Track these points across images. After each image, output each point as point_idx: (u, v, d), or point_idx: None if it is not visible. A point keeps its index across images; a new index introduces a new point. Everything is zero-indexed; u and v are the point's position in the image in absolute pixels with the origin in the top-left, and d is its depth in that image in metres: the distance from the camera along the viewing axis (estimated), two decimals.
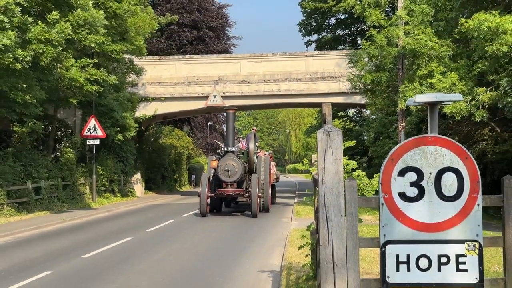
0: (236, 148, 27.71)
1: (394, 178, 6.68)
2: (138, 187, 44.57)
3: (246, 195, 26.98)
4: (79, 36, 26.03)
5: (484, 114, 22.34)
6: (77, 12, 25.64)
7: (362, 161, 32.70)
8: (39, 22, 24.30)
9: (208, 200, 26.48)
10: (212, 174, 27.38)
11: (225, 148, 27.34)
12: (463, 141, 26.37)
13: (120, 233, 20.40)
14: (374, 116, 37.28)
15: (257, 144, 30.67)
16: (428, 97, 7.48)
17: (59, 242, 18.49)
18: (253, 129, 32.63)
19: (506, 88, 20.95)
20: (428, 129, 7.43)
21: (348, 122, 53.62)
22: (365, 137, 41.50)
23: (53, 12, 24.63)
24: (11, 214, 25.75)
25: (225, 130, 39.18)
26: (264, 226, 22.28)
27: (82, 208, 30.79)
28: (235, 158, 26.58)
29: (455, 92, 22.44)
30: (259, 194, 26.62)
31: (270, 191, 29.32)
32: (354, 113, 54.51)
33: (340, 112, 54.51)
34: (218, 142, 41.06)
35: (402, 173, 6.68)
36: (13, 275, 12.98)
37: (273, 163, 33.45)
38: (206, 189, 25.88)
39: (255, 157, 28.72)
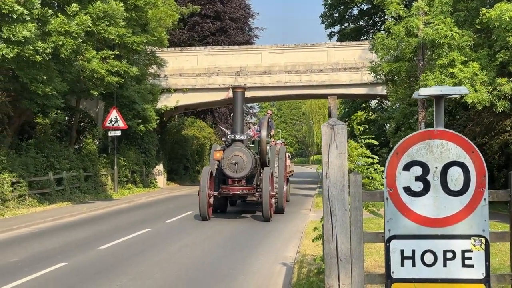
0: (245, 136, 22.65)
1: (399, 172, 6.57)
2: (160, 178, 44.65)
3: (257, 193, 22.03)
4: (98, 28, 26.08)
5: (506, 105, 22.07)
6: (96, 4, 25.68)
7: (382, 152, 32.42)
8: (59, 14, 24.38)
9: (211, 200, 22.01)
10: (216, 168, 22.99)
11: (232, 136, 22.27)
12: (485, 132, 26.14)
13: (138, 224, 20.48)
14: (396, 106, 36.93)
15: (272, 131, 26.48)
16: (433, 90, 7.35)
17: (78, 233, 18.57)
18: (267, 113, 27.87)
19: None
20: (434, 122, 7.31)
21: (371, 114, 53.34)
22: (387, 127, 41.21)
23: (72, 4, 24.70)
24: (33, 205, 25.94)
25: (249, 120, 35.98)
26: (281, 218, 22.11)
27: (103, 199, 30.92)
28: (244, 149, 21.75)
29: (476, 82, 22.24)
30: (273, 193, 21.97)
31: (286, 188, 25.17)
32: (376, 104, 54.19)
33: (363, 104, 54.22)
34: (223, 128, 33.01)
35: (407, 167, 6.56)
36: (29, 266, 13.08)
37: (287, 154, 28.69)
38: (208, 186, 20.89)
39: (268, 147, 23.74)
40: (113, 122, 32.66)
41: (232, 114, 22.27)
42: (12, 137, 28.98)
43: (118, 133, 33.48)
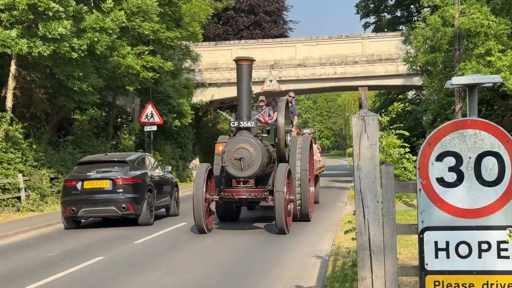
0: (253, 123, 16.61)
1: (431, 163, 6.47)
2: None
3: (270, 198, 16.29)
4: (133, 24, 26.34)
5: None
6: (130, 0, 25.89)
7: (419, 143, 32.10)
8: (93, 10, 24.61)
9: (213, 206, 16.98)
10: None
11: (236, 123, 16.68)
12: None
13: (174, 218, 20.57)
14: (433, 97, 36.56)
15: (295, 119, 21.40)
16: (466, 79, 7.23)
17: (115, 228, 18.67)
18: (289, 95, 21.32)
19: None
20: (467, 111, 7.19)
21: (407, 105, 52.87)
22: (424, 119, 40.84)
23: (107, 0, 24.90)
24: None
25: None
26: (317, 211, 21.85)
27: None
28: (252, 139, 16.16)
29: None
30: (291, 197, 16.96)
31: (312, 188, 20.14)
32: (413, 95, 53.68)
33: (399, 95, 53.74)
34: (224, 114, 26.05)
35: (440, 158, 6.45)
36: (66, 260, 13.24)
37: (315, 146, 23.62)
38: (204, 189, 15.91)
39: (288, 137, 18.54)
40: (148, 117, 32.87)
41: (237, 96, 17.11)
42: (50, 134, 29.32)
43: (154, 128, 33.66)
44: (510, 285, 6.36)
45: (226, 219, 19.10)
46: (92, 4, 25.24)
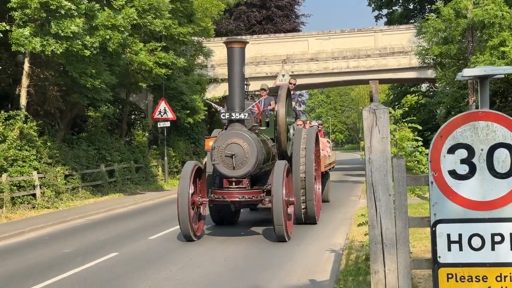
0: (246, 114, 14.34)
1: (443, 155, 6.45)
2: None
3: (267, 199, 14.20)
4: (144, 21, 26.36)
5: None
6: None
7: (432, 136, 32.09)
8: (105, 8, 24.65)
9: (204, 210, 15.42)
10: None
11: (227, 115, 14.49)
12: None
13: None
14: (447, 89, 36.38)
15: (296, 108, 18.80)
16: (477, 70, 7.21)
17: (129, 224, 18.83)
18: (290, 82, 18.79)
19: None
20: (479, 103, 7.17)
21: (421, 97, 52.64)
22: (437, 112, 40.67)
23: None
24: (86, 197, 26.37)
25: (297, 108, 27.66)
26: (330, 205, 21.73)
27: (154, 190, 31.20)
28: (246, 133, 14.00)
29: None
30: (290, 198, 14.56)
31: (318, 186, 17.95)
32: (427, 88, 53.42)
33: (413, 88, 53.49)
34: (213, 104, 20.70)
35: (452, 150, 6.43)
36: (81, 256, 13.35)
37: (325, 140, 21.77)
38: (189, 190, 14.00)
39: (291, 130, 16.66)
40: (162, 114, 32.91)
41: (228, 84, 14.89)
42: (64, 131, 29.44)
43: (167, 124, 33.69)
44: None
45: (222, 223, 17.14)
46: (104, 2, 25.21)
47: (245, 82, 15.86)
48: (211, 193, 14.68)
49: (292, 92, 17.81)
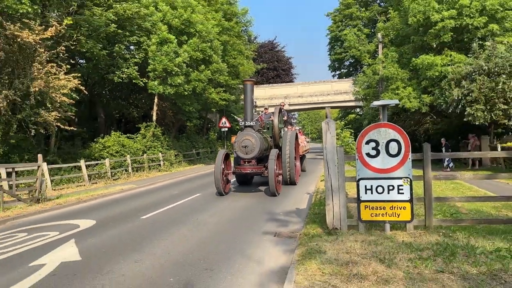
0: (254, 122, 13.83)
1: (363, 145, 6.42)
2: None
3: (266, 172, 13.60)
4: (215, 77, 26.41)
5: (427, 109, 21.21)
6: (212, 65, 25.99)
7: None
8: (194, 70, 24.81)
9: (227, 177, 13.71)
10: None
11: (244, 123, 13.88)
12: (415, 124, 25.06)
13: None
14: (369, 112, 35.82)
15: (284, 118, 17.36)
16: (379, 102, 7.15)
17: (204, 180, 18.31)
18: (280, 104, 17.93)
19: (437, 95, 19.78)
20: (381, 119, 7.09)
21: (355, 116, 51.96)
22: (364, 123, 40.15)
23: (201, 65, 25.06)
24: (185, 166, 26.42)
25: (292, 120, 26.13)
26: (307, 173, 20.85)
27: None
28: (253, 133, 13.39)
29: (410, 97, 21.40)
30: (279, 171, 13.68)
31: (298, 163, 16.74)
32: (359, 111, 52.61)
33: (352, 110, 52.77)
34: (236, 116, 22.46)
35: (367, 143, 6.41)
36: (183, 196, 13.21)
37: (303, 137, 20.69)
38: (221, 166, 12.99)
39: (282, 132, 16.12)
40: (223, 124, 32.92)
41: (244, 104, 13.96)
42: (174, 133, 29.73)
43: (226, 129, 33.71)
44: (402, 207, 6.30)
45: (242, 184, 15.86)
46: (194, 66, 25.34)
47: (254, 104, 14.89)
48: (235, 168, 13.89)
49: (283, 110, 16.68)
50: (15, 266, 6.14)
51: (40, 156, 12.22)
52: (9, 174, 12.37)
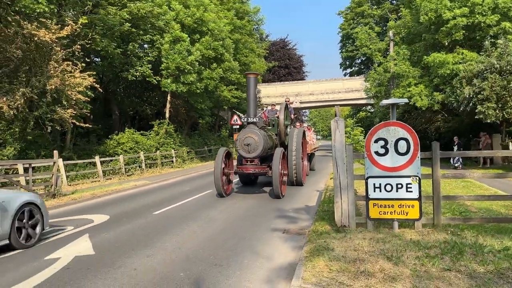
0: (257, 119, 12.30)
1: (372, 143, 6.39)
2: None
3: (270, 172, 12.11)
4: (226, 75, 26.48)
5: (438, 106, 20.95)
6: (224, 64, 26.04)
7: None
8: (206, 69, 24.88)
9: (229, 177, 12.53)
10: None
11: (246, 119, 12.38)
12: (427, 122, 24.80)
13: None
14: (380, 110, 35.51)
15: (292, 116, 15.95)
16: (389, 101, 7.10)
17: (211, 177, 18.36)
18: (285, 100, 15.77)
19: (449, 93, 19.51)
20: (391, 117, 7.04)
21: (367, 113, 51.56)
22: (375, 121, 39.84)
23: (213, 64, 25.12)
24: (197, 162, 26.56)
25: (303, 117, 27.32)
26: (316, 171, 20.61)
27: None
28: (256, 130, 11.86)
29: (422, 95, 21.18)
30: (284, 171, 12.19)
31: (305, 163, 15.69)
32: (370, 108, 52.17)
33: (363, 108, 52.39)
34: (237, 112, 20.45)
35: (376, 141, 6.37)
36: (194, 192, 13.26)
37: (312, 135, 19.54)
38: (221, 166, 11.68)
39: (288, 129, 14.65)
40: (234, 121, 32.96)
41: (247, 99, 12.61)
42: (187, 130, 29.90)
43: (237, 126, 33.74)
44: (411, 205, 6.26)
45: (246, 184, 14.69)
46: (207, 65, 25.44)
47: (257, 99, 13.86)
48: (237, 167, 12.56)
49: (289, 107, 15.19)
50: (31, 259, 6.27)
51: (56, 152, 12.42)
52: (26, 170, 12.61)
